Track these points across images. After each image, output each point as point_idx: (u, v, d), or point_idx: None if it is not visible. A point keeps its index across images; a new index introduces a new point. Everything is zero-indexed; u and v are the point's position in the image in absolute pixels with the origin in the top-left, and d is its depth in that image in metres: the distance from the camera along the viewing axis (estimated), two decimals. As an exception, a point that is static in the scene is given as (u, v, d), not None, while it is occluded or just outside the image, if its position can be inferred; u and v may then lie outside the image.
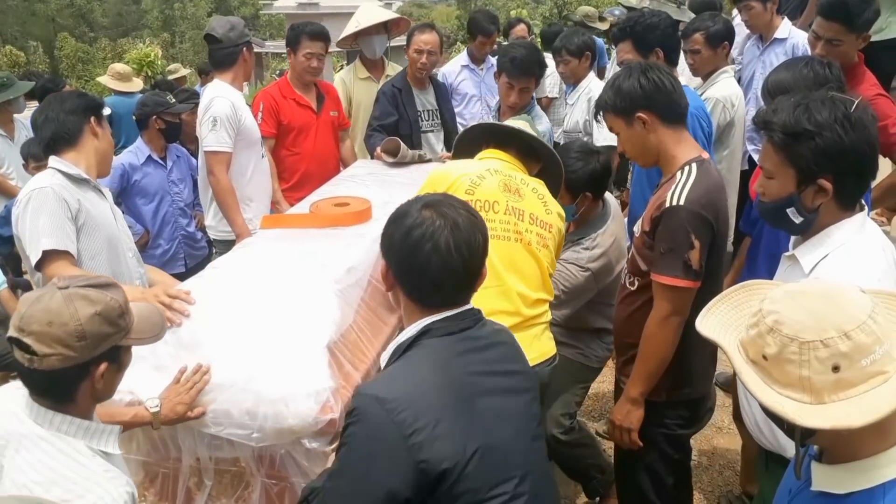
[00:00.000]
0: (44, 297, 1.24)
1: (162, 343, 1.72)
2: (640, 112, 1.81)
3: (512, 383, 1.31)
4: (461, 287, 1.28)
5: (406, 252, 1.26)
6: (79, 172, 2.12)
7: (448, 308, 1.29)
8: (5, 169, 4.56)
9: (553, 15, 20.57)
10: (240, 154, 3.06)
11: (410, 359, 1.25)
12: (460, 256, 1.24)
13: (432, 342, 1.25)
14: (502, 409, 1.25)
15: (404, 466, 1.12)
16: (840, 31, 2.48)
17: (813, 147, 1.41)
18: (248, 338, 1.70)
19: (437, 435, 1.13)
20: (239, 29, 3.11)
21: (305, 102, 3.44)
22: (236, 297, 1.78)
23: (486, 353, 1.29)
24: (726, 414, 3.10)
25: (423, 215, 1.26)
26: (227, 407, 1.61)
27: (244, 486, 1.71)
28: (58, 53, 28.14)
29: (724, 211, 1.81)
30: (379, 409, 1.14)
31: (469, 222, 1.28)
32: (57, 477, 1.20)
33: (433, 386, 1.18)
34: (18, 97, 4.62)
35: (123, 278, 2.22)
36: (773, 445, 1.57)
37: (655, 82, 1.80)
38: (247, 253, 2.23)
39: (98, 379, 1.27)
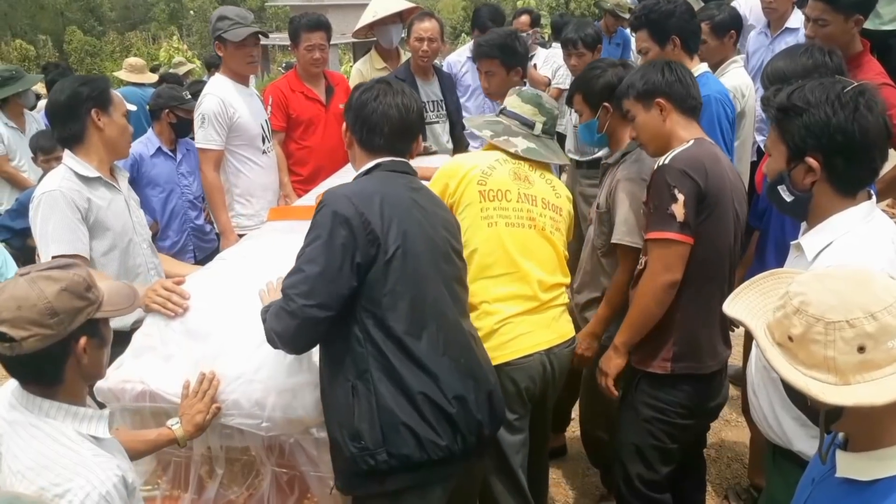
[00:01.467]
0: (7, 286, 1.26)
1: (171, 333, 1.76)
2: (660, 97, 1.94)
3: (434, 215, 1.69)
4: (396, 133, 1.68)
5: (358, 106, 1.69)
6: (88, 171, 2.13)
7: (391, 154, 1.69)
8: (17, 161, 4.59)
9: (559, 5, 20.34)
10: (236, 150, 3.05)
11: (364, 180, 1.68)
12: (397, 110, 1.66)
13: (381, 172, 1.68)
14: (423, 228, 1.62)
15: (361, 235, 1.51)
16: (825, 10, 2.46)
17: (800, 123, 1.42)
18: (256, 328, 1.71)
19: (379, 220, 1.54)
20: (211, 23, 3.07)
21: (314, 95, 3.44)
22: (244, 288, 1.79)
23: (420, 191, 1.71)
24: (734, 407, 3.10)
25: (375, 84, 1.72)
26: (237, 397, 1.63)
27: (255, 475, 1.73)
28: (66, 47, 28.24)
29: (717, 176, 1.85)
30: (345, 199, 1.54)
31: (409, 94, 1.72)
32: (47, 462, 1.21)
33: (381, 193, 1.59)
34: (27, 90, 4.65)
35: (138, 271, 2.24)
36: (781, 439, 1.57)
37: (677, 73, 1.97)
38: (254, 244, 2.25)
39: (82, 354, 1.28)
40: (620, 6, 4.96)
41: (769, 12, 3.36)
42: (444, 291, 1.63)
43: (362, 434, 1.51)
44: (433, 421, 1.53)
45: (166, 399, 1.66)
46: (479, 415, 1.61)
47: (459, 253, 1.76)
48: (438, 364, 1.56)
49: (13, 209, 3.63)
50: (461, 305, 1.71)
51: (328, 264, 1.49)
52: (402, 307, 1.53)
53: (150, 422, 1.72)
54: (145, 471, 1.78)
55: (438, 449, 1.53)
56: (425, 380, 1.53)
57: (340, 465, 1.58)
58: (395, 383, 1.52)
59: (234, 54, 3.02)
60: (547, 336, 2.04)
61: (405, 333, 1.53)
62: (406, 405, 1.52)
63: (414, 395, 1.52)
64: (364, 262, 1.51)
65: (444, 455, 1.54)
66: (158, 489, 1.79)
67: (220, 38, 3.00)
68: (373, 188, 1.60)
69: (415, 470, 1.54)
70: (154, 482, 1.79)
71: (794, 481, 1.42)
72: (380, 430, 1.51)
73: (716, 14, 2.96)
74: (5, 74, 4.59)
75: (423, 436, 1.52)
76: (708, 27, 2.90)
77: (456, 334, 1.63)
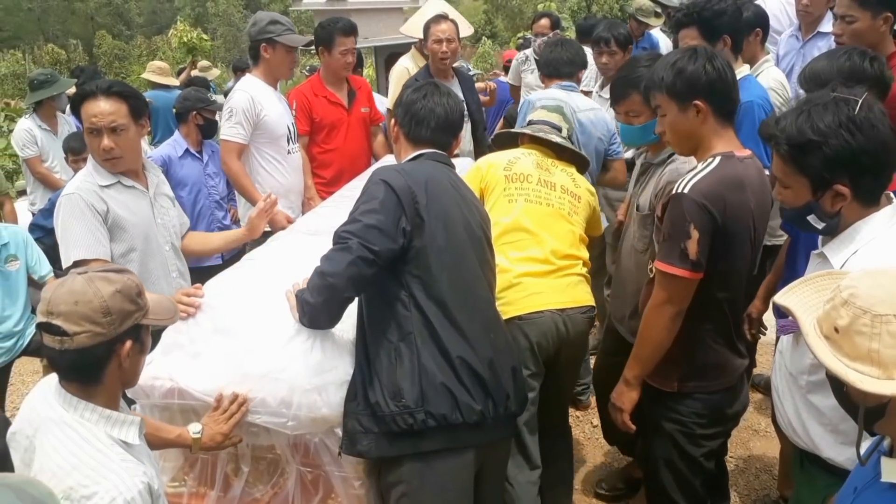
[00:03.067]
0: (66, 281, 1.30)
1: (200, 331, 1.79)
2: (698, 100, 1.76)
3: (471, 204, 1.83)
4: (440, 128, 1.82)
5: (408, 103, 1.84)
6: (105, 178, 2.17)
7: (434, 146, 1.82)
8: (49, 162, 4.71)
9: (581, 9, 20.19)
10: (261, 148, 3.11)
11: (412, 163, 1.79)
12: (443, 108, 1.82)
13: (425, 160, 1.80)
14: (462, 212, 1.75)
15: (409, 205, 1.64)
16: (851, 6, 2.43)
17: (821, 156, 1.39)
18: (283, 327, 1.73)
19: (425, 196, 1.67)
20: (259, 25, 3.09)
21: (336, 100, 3.48)
22: (271, 287, 1.82)
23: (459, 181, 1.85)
24: (763, 416, 3.05)
25: (424, 84, 1.89)
26: (264, 396, 1.65)
27: (279, 473, 1.75)
28: (96, 51, 28.86)
29: (737, 206, 1.72)
30: (395, 173, 1.69)
31: (454, 95, 1.88)
32: (77, 462, 1.24)
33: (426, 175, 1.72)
34: (61, 93, 4.77)
35: (158, 273, 2.27)
36: (808, 445, 1.55)
37: (720, 72, 1.75)
38: (281, 245, 2.27)
39: (125, 358, 1.32)
40: (643, 10, 4.90)
41: (803, 15, 3.27)
42: (479, 271, 1.76)
43: (403, 392, 1.59)
44: (469, 385, 1.62)
45: (195, 396, 1.69)
46: (507, 386, 1.71)
47: (490, 241, 1.87)
48: (475, 333, 1.66)
49: (45, 209, 3.72)
50: (491, 288, 1.83)
51: (382, 220, 1.61)
52: (445, 277, 1.65)
53: (178, 418, 1.74)
54: (173, 467, 1.81)
55: (473, 412, 1.62)
56: (464, 345, 1.63)
57: (372, 428, 1.60)
58: (437, 345, 1.62)
59: (283, 58, 3.11)
60: (560, 298, 2.17)
61: (448, 300, 1.64)
62: (446, 367, 1.61)
63: (453, 358, 1.61)
64: (410, 229, 1.63)
65: (478, 419, 1.63)
66: (185, 486, 1.81)
67: (269, 41, 3.06)
68: (419, 170, 1.73)
69: (450, 431, 1.61)
70: (181, 479, 1.82)
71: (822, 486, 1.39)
72: (419, 390, 1.59)
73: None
74: (41, 78, 4.72)
75: (459, 398, 1.60)
76: None
77: (487, 311, 1.76)
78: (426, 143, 1.82)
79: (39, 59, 24.12)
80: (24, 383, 4.08)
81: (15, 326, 2.97)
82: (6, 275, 2.97)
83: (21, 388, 4.03)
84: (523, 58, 5.01)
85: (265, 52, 3.09)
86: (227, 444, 1.67)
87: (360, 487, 1.69)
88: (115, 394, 1.38)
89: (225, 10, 32.84)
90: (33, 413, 1.35)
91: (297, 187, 3.30)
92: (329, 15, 4.54)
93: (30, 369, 4.08)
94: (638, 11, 4.94)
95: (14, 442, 1.37)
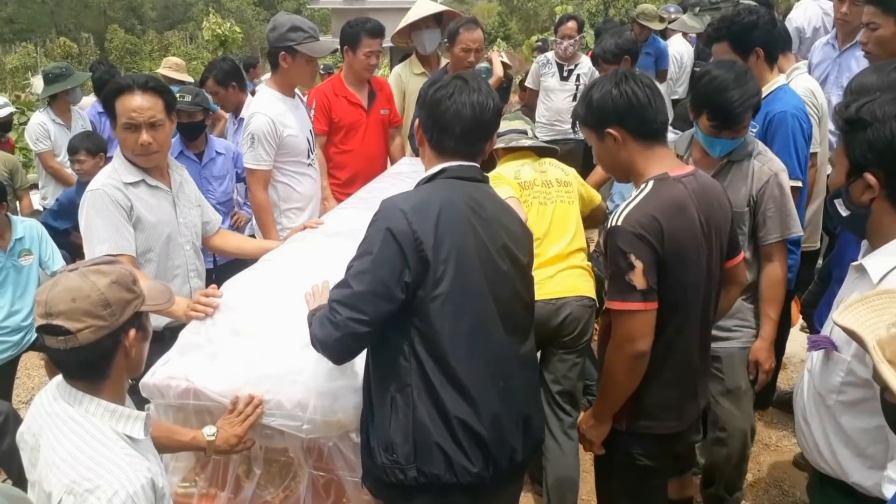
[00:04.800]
0: (59, 280, 1.28)
1: (218, 332, 1.78)
2: (610, 128, 1.70)
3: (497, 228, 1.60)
4: (469, 133, 1.58)
5: (431, 104, 1.60)
6: (131, 175, 2.16)
7: (460, 157, 1.60)
8: (62, 157, 4.72)
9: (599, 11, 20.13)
10: (283, 167, 2.96)
11: (425, 189, 1.60)
12: (471, 109, 1.57)
13: (444, 181, 1.59)
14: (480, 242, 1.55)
15: (411, 254, 1.46)
16: (875, 13, 2.45)
17: (863, 138, 1.38)
18: (301, 330, 1.71)
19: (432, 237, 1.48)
20: (279, 30, 2.85)
21: (356, 100, 3.44)
22: (290, 290, 1.80)
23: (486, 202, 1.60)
24: (774, 430, 3.02)
25: (450, 80, 1.61)
26: (280, 398, 1.64)
27: (292, 477, 1.73)
28: (108, 45, 29.00)
29: (678, 231, 1.63)
30: (400, 214, 1.49)
31: (485, 90, 1.61)
32: (81, 456, 1.23)
33: (440, 204, 1.52)
34: (76, 87, 4.78)
35: (176, 272, 2.26)
36: (834, 468, 1.51)
37: (627, 96, 1.67)
38: (301, 247, 2.26)
39: (130, 347, 1.30)
40: (646, 15, 4.90)
41: (841, 24, 3.21)
42: (495, 310, 1.57)
43: (395, 447, 1.51)
44: (466, 446, 1.51)
45: (210, 397, 1.67)
46: (513, 441, 1.59)
47: (524, 266, 1.66)
48: (479, 388, 1.53)
49: (54, 210, 3.70)
50: (515, 324, 1.62)
51: (375, 281, 1.46)
52: (448, 327, 1.50)
53: (192, 419, 1.73)
54: (184, 467, 1.79)
55: (468, 474, 1.51)
56: (463, 405, 1.51)
57: (371, 470, 1.58)
58: (434, 403, 1.50)
59: (302, 68, 2.88)
60: (553, 288, 2.31)
61: (450, 354, 1.50)
62: (441, 426, 1.50)
63: (450, 418, 1.50)
64: (413, 280, 1.47)
65: (474, 481, 1.52)
66: (196, 486, 1.80)
67: (289, 49, 2.83)
68: (432, 199, 1.53)
69: (443, 492, 1.52)
70: (192, 479, 1.81)
71: None
72: (412, 446, 1.50)
73: None
74: (56, 72, 4.73)
75: (454, 459, 1.50)
76: None
77: (501, 356, 1.58)
78: (451, 154, 1.60)
79: (51, 53, 24.25)
80: (30, 377, 4.09)
81: (24, 321, 2.98)
82: (19, 269, 2.97)
83: (27, 382, 4.04)
84: (544, 60, 4.96)
85: (283, 60, 2.85)
86: (241, 448, 1.66)
87: (372, 493, 1.68)
88: (120, 387, 1.36)
89: (238, 6, 32.98)
90: (40, 412, 1.34)
91: (317, 195, 3.20)
92: (346, 14, 4.54)
93: (35, 363, 4.08)
94: (640, 16, 4.95)
95: (22, 442, 1.36)
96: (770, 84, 2.51)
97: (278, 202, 3.02)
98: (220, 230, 2.49)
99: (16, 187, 4.29)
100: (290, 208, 3.05)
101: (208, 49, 15.05)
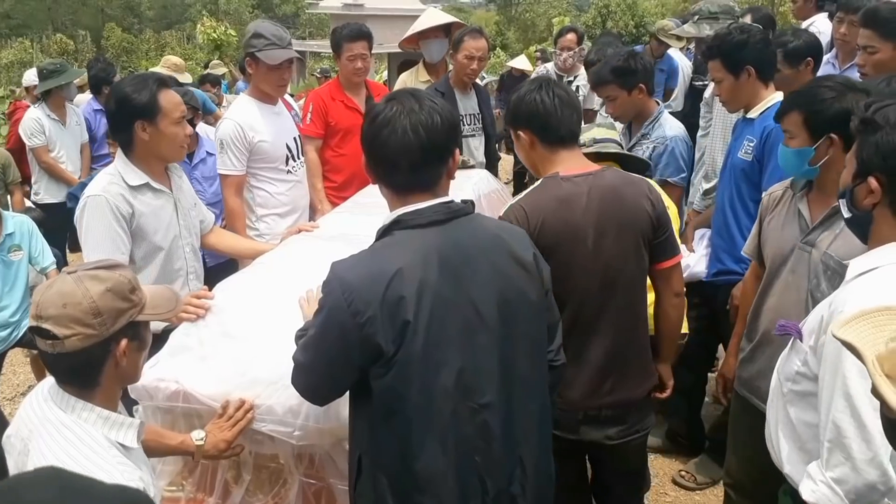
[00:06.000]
0: (55, 283, 1.26)
1: (209, 334, 1.75)
2: (520, 130, 1.85)
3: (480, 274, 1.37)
4: (417, 165, 1.35)
5: (371, 138, 1.38)
6: (135, 178, 2.14)
7: (420, 193, 1.38)
8: (56, 153, 4.69)
9: (596, 24, 20.30)
10: (259, 172, 2.92)
11: (377, 249, 1.38)
12: (416, 135, 1.33)
13: (401, 235, 1.36)
14: (448, 300, 1.33)
15: (354, 339, 1.30)
16: (872, 37, 2.46)
17: (872, 140, 1.37)
18: (293, 335, 1.70)
19: (379, 312, 1.29)
20: (246, 36, 2.88)
21: (353, 105, 3.44)
22: (283, 292, 1.78)
23: (455, 252, 1.36)
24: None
25: (385, 106, 1.38)
26: (271, 403, 1.61)
27: (282, 484, 1.71)
28: (104, 43, 28.88)
29: (552, 223, 1.74)
30: (340, 294, 1.31)
31: (428, 107, 1.36)
32: (72, 463, 1.21)
33: (395, 267, 1.30)
34: (70, 83, 4.75)
35: (178, 275, 2.25)
36: (776, 458, 1.53)
37: (536, 103, 1.80)
38: (295, 250, 2.23)
39: (121, 357, 1.27)
40: (665, 31, 4.88)
41: (841, 44, 3.23)
42: (469, 372, 1.35)
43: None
44: None
45: (199, 400, 1.64)
46: None
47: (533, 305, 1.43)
48: (442, 476, 1.35)
49: None
50: (506, 377, 1.39)
51: (321, 361, 1.37)
52: (408, 406, 1.33)
53: (181, 422, 1.70)
54: (171, 471, 1.76)
55: None
56: (425, 497, 1.35)
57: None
58: (394, 486, 1.36)
59: (266, 76, 2.83)
60: None
61: (412, 440, 1.34)
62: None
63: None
64: (363, 361, 1.32)
65: None
66: (183, 491, 1.77)
67: (252, 56, 2.82)
68: (387, 262, 1.31)
69: None
70: (179, 483, 1.77)
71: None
72: None
73: (790, 41, 2.79)
74: (50, 67, 4.71)
75: None
76: (781, 54, 2.74)
77: (474, 425, 1.36)
78: (407, 189, 1.38)
79: (47, 49, 24.11)
80: (16, 373, 4.04)
81: (11, 317, 2.94)
82: (8, 264, 2.93)
83: (12, 379, 3.99)
84: (543, 71, 4.98)
85: (250, 67, 2.87)
86: (230, 454, 1.63)
87: (363, 502, 1.65)
88: (113, 395, 1.34)
89: (236, 8, 32.97)
90: (30, 415, 1.31)
91: (301, 203, 3.12)
92: (344, 20, 4.55)
93: (21, 360, 4.04)
94: (660, 31, 4.91)
95: (9, 445, 1.33)
96: (766, 101, 2.53)
97: (255, 207, 2.98)
98: (214, 228, 2.48)
99: (7, 182, 4.25)
100: (268, 214, 2.99)
101: (204, 51, 14.97)
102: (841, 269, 1.71)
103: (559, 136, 1.81)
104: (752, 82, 2.51)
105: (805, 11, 3.86)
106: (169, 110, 2.10)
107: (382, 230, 1.40)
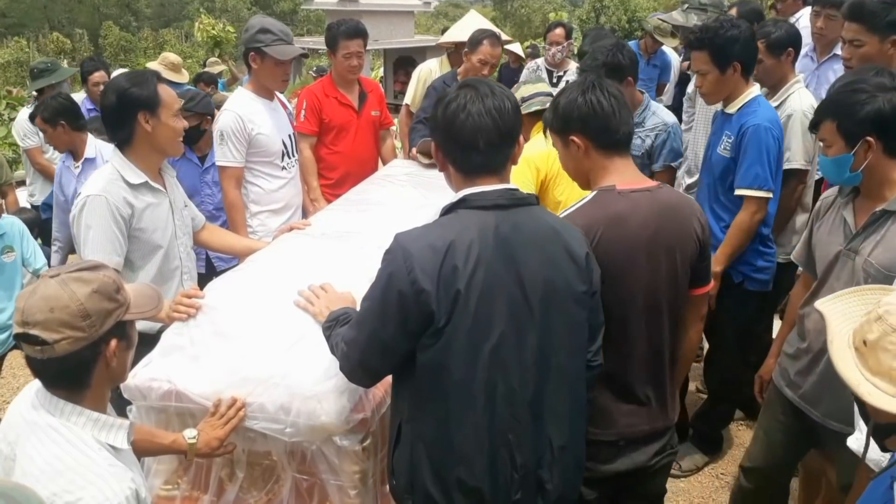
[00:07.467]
0: (38, 287, 1.23)
1: (201, 334, 1.76)
2: (573, 135, 1.71)
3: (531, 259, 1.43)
4: (493, 145, 1.43)
5: (446, 123, 1.44)
6: (134, 177, 2.13)
7: (488, 176, 1.45)
8: (50, 154, 4.67)
9: (590, 19, 20.27)
10: (255, 167, 2.92)
11: (440, 223, 1.45)
12: (490, 117, 1.42)
13: (464, 213, 1.43)
14: (501, 280, 1.39)
15: (411, 306, 1.36)
16: (859, 31, 2.46)
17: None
18: (285, 332, 1.71)
19: (434, 286, 1.36)
20: (250, 32, 2.86)
21: (347, 101, 3.45)
22: (275, 291, 1.79)
23: (513, 235, 1.42)
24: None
25: (459, 93, 1.46)
26: (263, 401, 1.62)
27: (275, 480, 1.72)
28: (102, 41, 28.81)
29: (607, 242, 1.63)
30: (402, 263, 1.37)
31: (499, 92, 1.46)
32: (62, 467, 1.19)
33: (454, 242, 1.37)
34: (62, 82, 4.74)
35: (173, 275, 2.25)
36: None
37: (592, 104, 1.68)
38: (287, 248, 2.24)
39: (111, 357, 1.27)
40: (661, 30, 4.87)
41: (818, 38, 3.26)
42: (515, 354, 1.42)
43: (396, 475, 1.51)
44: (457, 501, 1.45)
45: (192, 399, 1.65)
46: (516, 494, 1.47)
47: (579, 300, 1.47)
48: (479, 448, 1.43)
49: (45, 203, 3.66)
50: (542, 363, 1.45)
51: (376, 332, 1.41)
52: (451, 379, 1.40)
53: (174, 421, 1.71)
54: (166, 470, 1.77)
55: None
56: (459, 467, 1.43)
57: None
58: (431, 455, 1.45)
59: (271, 71, 2.86)
60: None
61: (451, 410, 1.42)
62: (436, 482, 1.45)
63: (447, 475, 1.44)
64: (418, 328, 1.39)
65: None
66: (178, 489, 1.78)
67: (258, 51, 2.82)
68: (447, 235, 1.38)
69: None
70: (174, 482, 1.79)
71: None
72: (409, 481, 1.48)
73: (772, 31, 2.80)
74: (41, 66, 4.71)
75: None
76: (763, 45, 2.75)
77: (515, 404, 1.43)
78: (481, 171, 1.45)
79: (44, 48, 24.07)
80: (16, 377, 4.05)
81: (9, 320, 2.94)
82: (1, 266, 2.94)
83: (12, 382, 4.00)
84: (534, 67, 4.98)
85: (253, 62, 2.86)
86: (222, 452, 1.64)
87: (356, 497, 1.66)
88: (102, 396, 1.33)
89: (234, 5, 32.88)
90: (17, 418, 1.30)
91: (295, 201, 3.13)
92: (339, 16, 4.54)
93: (21, 363, 4.04)
94: (656, 30, 4.91)
95: None
96: (745, 95, 2.55)
97: (249, 204, 2.98)
98: (206, 225, 2.48)
99: (0, 183, 4.25)
100: (261, 211, 3.00)
101: (204, 48, 14.90)
102: (880, 277, 1.74)
103: (617, 139, 1.70)
104: (737, 78, 2.51)
105: (792, 9, 3.87)
106: (169, 103, 2.12)
107: (447, 207, 1.47)
